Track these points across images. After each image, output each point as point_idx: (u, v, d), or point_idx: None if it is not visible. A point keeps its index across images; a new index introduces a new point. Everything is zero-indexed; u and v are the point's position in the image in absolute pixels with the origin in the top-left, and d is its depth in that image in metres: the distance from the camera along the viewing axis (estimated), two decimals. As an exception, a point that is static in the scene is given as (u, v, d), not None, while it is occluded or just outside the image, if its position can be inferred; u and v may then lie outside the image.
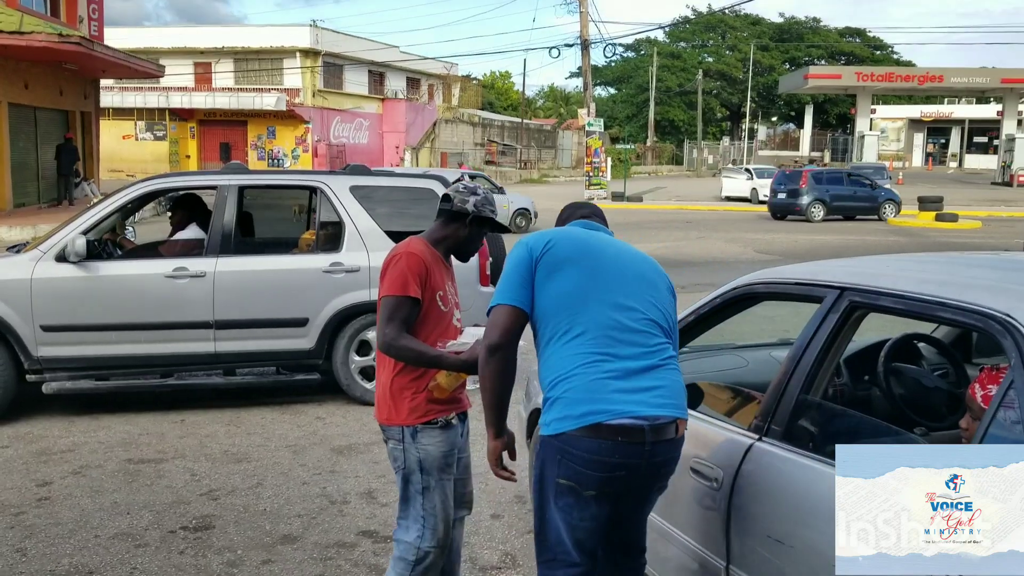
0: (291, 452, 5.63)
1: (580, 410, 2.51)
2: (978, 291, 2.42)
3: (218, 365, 6.58)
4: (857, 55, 66.18)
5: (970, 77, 47.37)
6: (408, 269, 3.02)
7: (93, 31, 24.70)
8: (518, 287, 2.65)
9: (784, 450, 2.69)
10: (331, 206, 6.69)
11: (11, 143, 20.59)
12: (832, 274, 2.97)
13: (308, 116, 39.87)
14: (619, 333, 2.58)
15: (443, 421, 3.10)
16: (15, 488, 4.99)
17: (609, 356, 2.55)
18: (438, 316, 3.12)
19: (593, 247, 2.74)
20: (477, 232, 3.19)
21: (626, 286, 2.66)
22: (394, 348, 3.00)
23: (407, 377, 3.06)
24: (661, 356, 2.61)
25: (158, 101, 39.63)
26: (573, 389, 2.54)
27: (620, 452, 2.51)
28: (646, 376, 2.56)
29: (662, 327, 2.66)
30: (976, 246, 18.31)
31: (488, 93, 73.78)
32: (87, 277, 6.24)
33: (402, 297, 3.00)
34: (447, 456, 3.13)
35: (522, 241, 2.74)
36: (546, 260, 2.65)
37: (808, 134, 61.44)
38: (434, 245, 3.16)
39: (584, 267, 2.65)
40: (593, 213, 3.03)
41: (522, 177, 46.13)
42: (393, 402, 3.09)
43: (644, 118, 64.70)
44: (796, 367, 2.80)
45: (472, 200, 3.13)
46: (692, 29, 70.12)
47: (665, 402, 2.56)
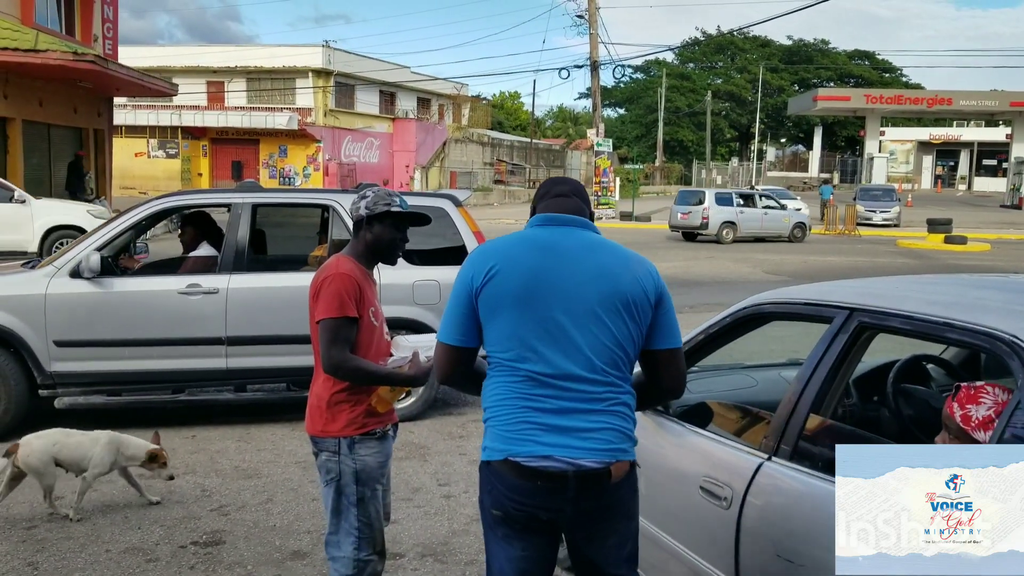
0: (301, 468, 5.65)
1: (501, 444, 2.40)
2: (985, 312, 2.44)
3: (229, 381, 6.61)
4: (866, 78, 66.37)
5: (979, 100, 47.43)
6: (343, 290, 3.05)
7: (107, 49, 24.95)
8: (458, 323, 2.47)
9: (794, 470, 2.70)
10: (343, 224, 6.75)
11: (25, 160, 20.76)
12: (841, 295, 2.99)
13: (319, 135, 40.11)
14: (556, 381, 2.37)
15: (380, 432, 3.18)
16: (27, 502, 5.02)
17: (542, 397, 2.38)
18: (373, 332, 3.19)
19: (541, 278, 2.39)
20: (388, 231, 3.18)
21: (571, 329, 2.38)
22: (343, 370, 3.04)
23: (346, 391, 3.11)
24: (600, 401, 2.39)
25: (171, 119, 39.94)
26: (499, 419, 2.42)
27: (540, 496, 2.36)
28: (578, 416, 2.37)
29: (608, 371, 2.40)
30: (985, 268, 18.27)
31: (498, 113, 74.11)
32: (101, 293, 6.29)
33: (342, 319, 3.03)
34: (383, 466, 3.21)
35: (467, 262, 2.51)
36: (486, 295, 2.41)
37: (817, 156, 61.50)
38: (358, 260, 3.20)
39: (524, 311, 2.38)
40: (572, 192, 2.65)
41: (530, 196, 45.95)
42: (330, 414, 3.11)
43: (653, 138, 64.89)
44: (805, 387, 2.81)
45: (362, 204, 3.16)
46: (701, 51, 70.47)
47: (595, 447, 2.37)
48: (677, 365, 2.56)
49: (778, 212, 25.97)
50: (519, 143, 58.28)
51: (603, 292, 2.39)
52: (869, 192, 34.23)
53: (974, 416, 2.39)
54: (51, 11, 22.19)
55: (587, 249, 2.47)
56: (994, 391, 2.42)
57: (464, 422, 6.71)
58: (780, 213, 25.93)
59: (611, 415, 2.41)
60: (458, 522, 4.77)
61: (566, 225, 2.53)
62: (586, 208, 2.63)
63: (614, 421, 2.41)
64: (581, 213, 2.59)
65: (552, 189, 2.67)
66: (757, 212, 25.49)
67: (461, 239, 6.92)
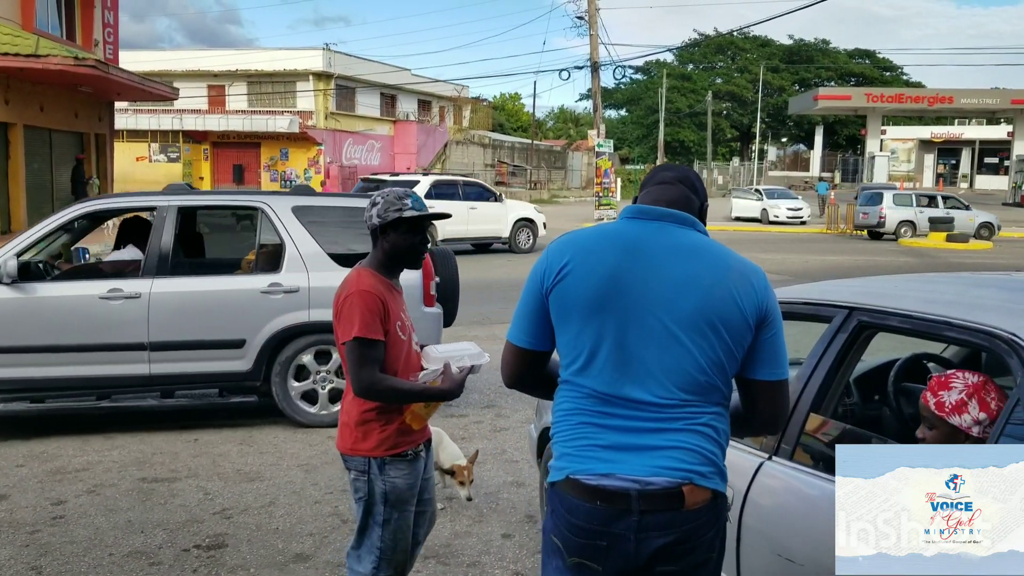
0: (303, 471, 5.66)
1: (563, 463, 2.13)
2: (985, 311, 2.45)
3: (153, 387, 6.46)
4: (867, 76, 66.32)
5: (980, 98, 47.39)
6: (366, 308, 2.89)
7: (108, 54, 24.98)
8: (527, 322, 2.23)
9: (794, 469, 2.71)
10: (272, 226, 6.60)
11: (27, 165, 20.80)
12: (840, 294, 3.00)
13: (320, 138, 40.14)
14: (623, 402, 2.09)
15: (412, 453, 3.06)
16: (30, 507, 5.03)
17: (606, 415, 2.10)
18: (401, 346, 3.04)
19: (617, 284, 2.09)
20: (404, 238, 3.02)
21: (644, 348, 2.07)
22: (375, 392, 2.91)
23: (377, 409, 2.99)
24: (676, 420, 2.07)
25: (172, 123, 40.00)
26: (562, 434, 2.16)
27: (599, 518, 2.04)
28: (648, 435, 2.07)
29: (687, 397, 2.07)
30: (987, 267, 18.26)
31: (499, 115, 74.12)
32: (20, 298, 6.16)
33: (367, 339, 2.88)
34: (412, 488, 3.08)
35: (544, 254, 2.22)
36: (556, 296, 2.13)
37: (818, 155, 61.44)
38: (379, 271, 3.04)
39: (593, 320, 2.09)
40: (678, 179, 2.29)
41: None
42: (360, 432, 3.00)
43: (654, 139, 64.81)
44: (806, 386, 2.82)
45: (373, 212, 3.00)
46: (702, 52, 70.46)
47: (665, 465, 2.04)
48: (779, 400, 2.19)
49: (963, 212, 26.49)
50: (520, 144, 58.26)
51: (687, 308, 2.05)
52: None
53: (947, 402, 2.42)
54: (52, 16, 22.23)
55: (678, 253, 2.11)
56: (963, 375, 2.46)
57: (467, 424, 6.72)
58: (965, 213, 26.47)
59: (690, 433, 2.07)
60: (460, 524, 4.77)
61: (659, 220, 2.17)
62: (695, 198, 2.26)
63: (693, 440, 2.07)
64: (687, 203, 2.23)
65: (657, 175, 2.33)
66: (939, 212, 26.05)
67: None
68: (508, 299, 11.32)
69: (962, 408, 2.39)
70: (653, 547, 2.02)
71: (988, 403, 2.40)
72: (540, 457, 4.45)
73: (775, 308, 2.14)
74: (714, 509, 2.09)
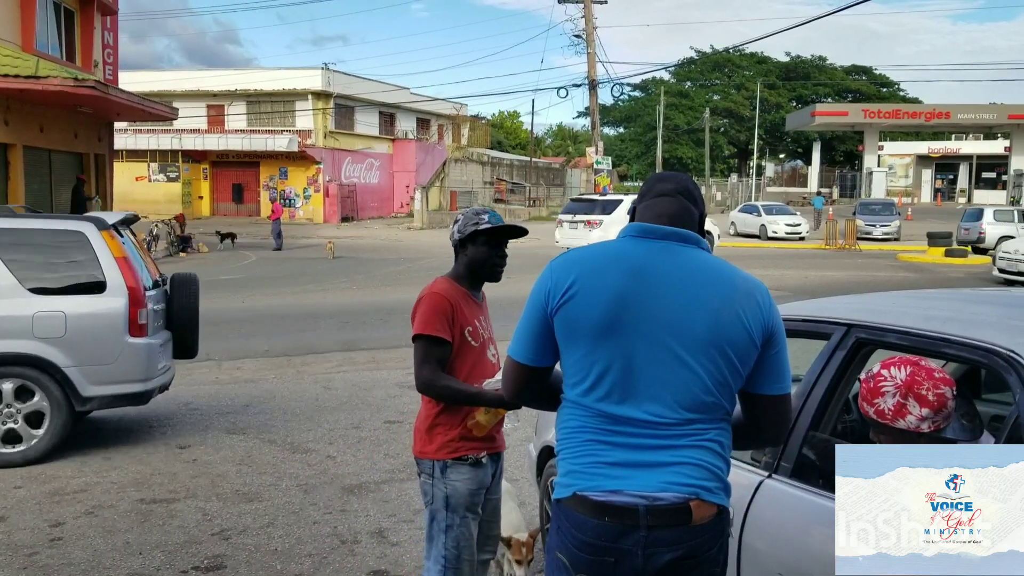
0: (302, 491, 5.64)
1: (570, 480, 2.12)
2: (982, 327, 2.45)
3: None
4: (864, 92, 66.58)
5: (977, 113, 47.58)
6: (432, 308, 3.07)
7: (108, 75, 25.11)
8: (529, 339, 2.21)
9: (794, 487, 2.70)
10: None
11: (26, 185, 20.84)
12: (838, 311, 3.00)
13: (320, 157, 40.26)
14: (631, 421, 2.08)
15: (473, 459, 3.13)
16: (28, 528, 5.01)
17: (614, 432, 2.09)
18: (470, 352, 3.15)
19: (625, 307, 2.07)
20: (481, 251, 3.18)
21: (653, 371, 2.07)
22: (432, 389, 3.06)
23: (443, 414, 3.11)
24: (682, 437, 2.07)
25: (171, 143, 40.15)
26: (568, 451, 2.15)
27: (607, 535, 2.03)
28: (655, 452, 2.07)
29: (693, 416, 2.08)
30: (987, 282, 18.27)
31: (497, 132, 74.40)
32: None
33: (430, 337, 3.04)
34: (474, 495, 3.15)
35: (546, 271, 2.20)
36: (562, 318, 2.12)
37: (816, 171, 61.60)
38: (457, 281, 3.21)
39: (601, 343, 2.08)
40: (677, 190, 2.26)
41: (531, 215, 46.31)
42: (428, 436, 3.14)
43: (652, 156, 65.03)
44: (805, 404, 2.82)
45: (455, 228, 3.21)
46: (699, 69, 70.78)
47: (673, 480, 2.04)
48: (782, 412, 2.22)
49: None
50: (519, 162, 58.45)
51: (696, 331, 2.06)
52: (869, 206, 34.30)
53: (885, 408, 2.34)
54: (51, 38, 22.34)
55: (684, 275, 2.10)
56: (890, 373, 2.36)
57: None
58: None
59: (697, 449, 2.07)
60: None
61: (664, 239, 2.15)
62: (694, 209, 2.24)
63: (700, 456, 2.07)
64: (688, 216, 2.22)
65: (655, 187, 2.28)
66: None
67: (100, 269, 6.34)
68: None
69: (902, 411, 2.31)
70: (661, 562, 2.01)
71: (925, 396, 2.29)
72: (540, 476, 4.43)
73: (780, 325, 2.15)
74: (719, 524, 2.09)
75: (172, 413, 7.60)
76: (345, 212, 40.94)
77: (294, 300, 15.54)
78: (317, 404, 7.94)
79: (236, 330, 12.35)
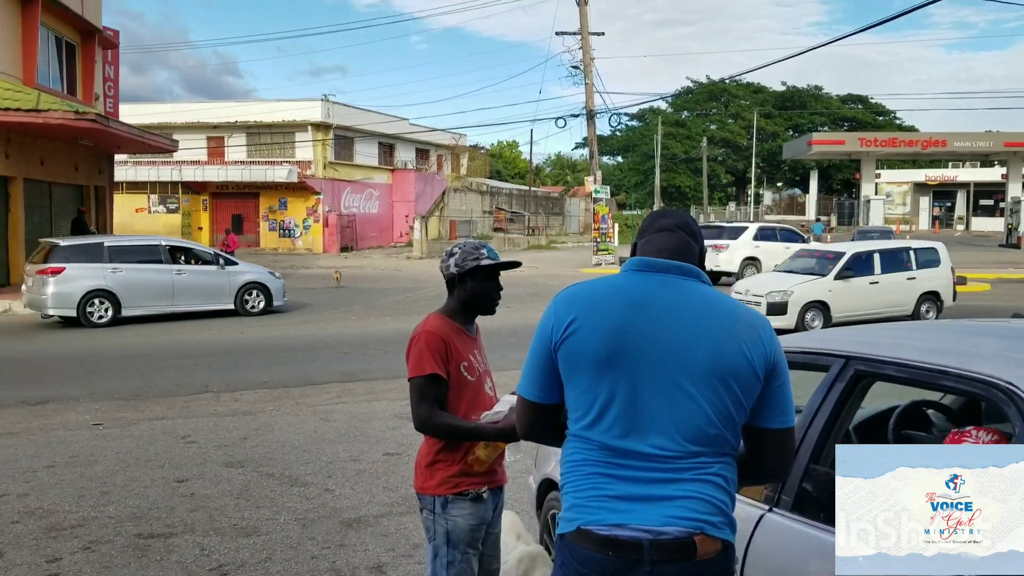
0: (300, 525, 5.60)
1: (573, 514, 2.12)
2: (982, 360, 2.45)
3: None
4: (860, 121, 67.07)
5: (973, 141, 47.81)
6: (425, 346, 3.06)
7: (109, 108, 25.28)
8: (537, 376, 2.23)
9: (795, 521, 2.68)
10: None
11: (27, 218, 20.91)
12: (837, 343, 3.00)
13: (319, 187, 40.41)
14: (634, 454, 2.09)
15: (473, 494, 3.12)
16: (25, 564, 4.96)
17: (617, 466, 2.10)
18: (467, 387, 3.15)
19: (626, 340, 2.09)
20: (480, 286, 3.18)
21: (656, 403, 2.08)
22: (430, 427, 3.06)
23: (443, 450, 3.11)
24: (686, 471, 2.08)
25: (171, 175, 40.30)
26: (572, 485, 2.16)
27: (611, 570, 2.03)
28: (659, 485, 2.06)
29: (696, 449, 2.08)
30: (985, 308, 18.28)
31: (496, 162, 74.79)
32: None
33: (424, 376, 3.04)
34: (475, 530, 3.14)
35: (549, 308, 2.23)
36: (565, 352, 2.14)
37: (814, 199, 61.91)
38: (450, 317, 3.20)
39: (604, 376, 2.10)
40: (678, 226, 2.30)
41: (530, 243, 46.43)
42: (428, 472, 3.13)
43: (650, 185, 65.37)
44: (804, 436, 2.81)
45: (451, 262, 3.19)
46: (695, 98, 71.32)
47: (678, 515, 2.04)
48: (785, 446, 2.21)
49: None
50: (518, 191, 58.68)
51: (698, 363, 2.06)
52: (867, 234, 34.28)
53: None
54: (53, 71, 22.52)
55: (686, 307, 2.12)
56: (977, 435, 2.43)
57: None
58: None
59: (701, 483, 2.07)
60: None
61: (665, 272, 2.18)
62: (694, 244, 2.28)
63: (704, 490, 2.07)
64: (688, 250, 2.25)
65: (655, 222, 2.32)
66: None
67: None
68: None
69: None
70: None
71: None
72: (540, 509, 4.41)
73: (782, 358, 2.15)
74: (725, 559, 2.09)
75: (170, 446, 7.56)
76: (345, 242, 41.02)
77: (292, 330, 15.52)
78: (316, 436, 7.90)
79: (234, 361, 12.33)
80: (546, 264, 23.44)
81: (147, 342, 14.20)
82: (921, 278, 16.04)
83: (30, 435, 7.99)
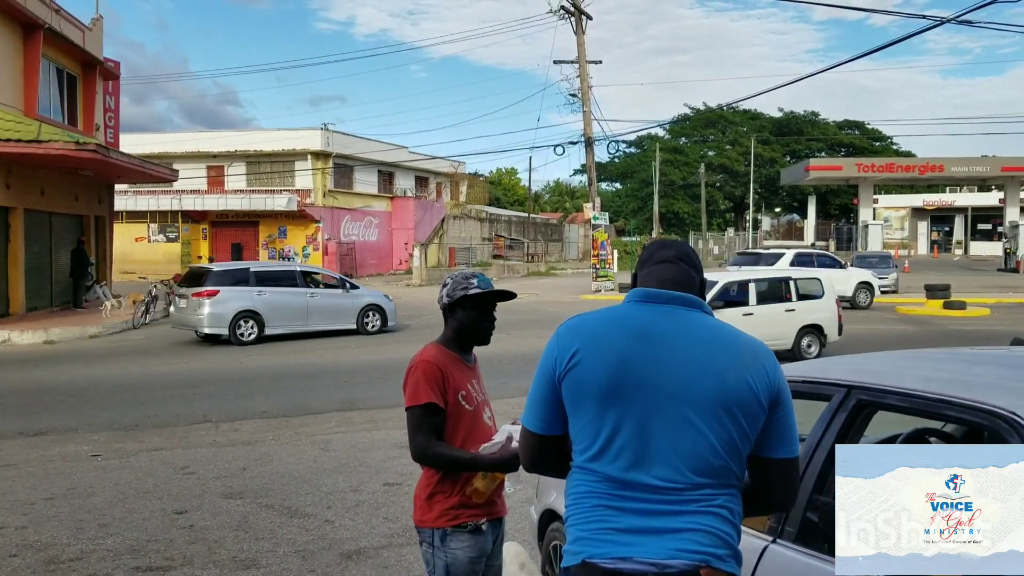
0: (300, 557, 5.55)
1: (578, 547, 2.11)
2: (984, 389, 2.44)
3: None
4: (857, 146, 67.36)
5: (970, 166, 48.04)
6: (422, 376, 3.05)
7: (109, 138, 25.43)
8: (541, 407, 2.23)
9: (798, 552, 2.66)
10: None
11: (26, 248, 20.94)
12: (839, 372, 3.00)
13: (319, 215, 40.52)
14: (638, 486, 2.08)
15: (472, 526, 3.10)
16: (21, 599, 4.92)
17: (622, 498, 2.09)
18: (465, 416, 3.13)
19: (630, 370, 2.09)
20: (470, 315, 3.19)
21: (660, 433, 2.07)
22: (427, 457, 3.04)
23: (442, 482, 3.09)
24: (691, 503, 2.06)
25: (171, 204, 40.43)
26: (577, 517, 2.14)
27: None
28: (665, 518, 2.05)
29: (701, 480, 2.07)
30: (986, 333, 18.26)
31: (495, 189, 75.07)
32: None
33: (420, 406, 3.03)
34: (475, 563, 3.11)
35: (552, 339, 2.24)
36: (569, 383, 2.14)
37: (812, 224, 62.08)
38: (447, 346, 3.20)
39: (608, 407, 2.10)
40: (679, 257, 2.31)
41: (529, 270, 46.48)
42: (427, 504, 3.11)
43: (649, 211, 65.52)
44: (807, 466, 2.79)
45: (443, 292, 3.22)
46: (692, 125, 71.71)
47: (683, 547, 2.02)
48: (790, 476, 2.21)
49: None
50: (517, 218, 58.86)
51: (702, 393, 2.06)
52: (866, 259, 34.36)
53: None
54: (54, 102, 22.66)
55: (689, 337, 2.13)
56: None
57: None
58: None
59: (707, 515, 2.06)
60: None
61: (668, 303, 2.19)
62: (695, 275, 2.29)
63: (710, 522, 2.06)
64: (689, 281, 2.26)
65: (656, 253, 2.33)
66: None
67: None
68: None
69: None
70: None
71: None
72: (542, 540, 4.38)
73: (786, 388, 2.15)
74: None
75: (168, 477, 7.52)
76: (344, 269, 41.04)
77: (292, 359, 15.49)
78: (315, 466, 7.86)
79: (233, 391, 12.29)
80: (546, 291, 23.45)
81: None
82: (801, 310, 15.01)
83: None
